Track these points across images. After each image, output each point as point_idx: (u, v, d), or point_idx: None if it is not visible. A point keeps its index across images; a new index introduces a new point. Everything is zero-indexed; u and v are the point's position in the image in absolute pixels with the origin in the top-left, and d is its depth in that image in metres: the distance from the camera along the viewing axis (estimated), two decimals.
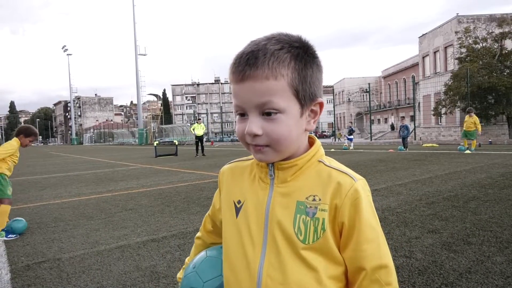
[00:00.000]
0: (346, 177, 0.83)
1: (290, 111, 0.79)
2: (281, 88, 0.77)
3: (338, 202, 0.80)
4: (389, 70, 54.08)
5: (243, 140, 0.84)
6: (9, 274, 3.26)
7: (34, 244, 4.13)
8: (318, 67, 0.83)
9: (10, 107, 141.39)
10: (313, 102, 0.83)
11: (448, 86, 25.43)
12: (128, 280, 2.99)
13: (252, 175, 0.92)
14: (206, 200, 6.31)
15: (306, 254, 0.80)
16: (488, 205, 4.97)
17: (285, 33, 0.82)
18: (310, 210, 0.81)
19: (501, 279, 2.70)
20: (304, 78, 0.80)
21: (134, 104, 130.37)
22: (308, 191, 0.83)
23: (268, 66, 0.76)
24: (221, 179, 1.02)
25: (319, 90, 0.84)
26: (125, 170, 12.70)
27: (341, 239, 0.82)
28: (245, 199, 0.90)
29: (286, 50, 0.78)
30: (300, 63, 0.79)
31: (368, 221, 0.80)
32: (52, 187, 9.06)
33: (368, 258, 0.79)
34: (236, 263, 0.88)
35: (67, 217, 5.49)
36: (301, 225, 0.81)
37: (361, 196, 0.81)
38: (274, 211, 0.84)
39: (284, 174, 0.85)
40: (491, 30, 26.06)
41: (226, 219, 0.95)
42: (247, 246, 0.86)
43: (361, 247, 0.79)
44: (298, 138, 0.83)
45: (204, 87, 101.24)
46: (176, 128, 46.18)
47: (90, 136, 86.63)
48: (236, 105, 0.82)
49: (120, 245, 3.95)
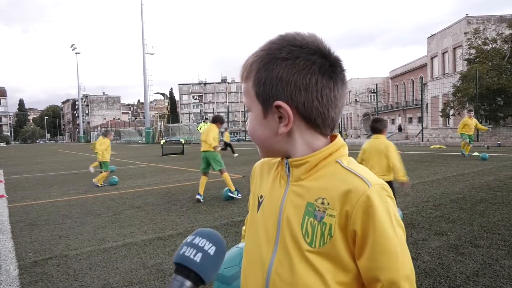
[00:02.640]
0: (359, 182, 0.77)
1: (254, 111, 0.84)
2: (248, 89, 0.84)
3: (349, 209, 0.76)
4: (397, 71, 53.76)
5: None
6: (17, 270, 3.29)
7: (41, 241, 4.17)
8: (286, 68, 0.79)
9: (19, 105, 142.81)
10: (271, 104, 0.80)
11: (456, 87, 25.18)
12: (134, 278, 3.01)
13: (276, 172, 0.92)
14: (211, 199, 6.32)
15: (312, 257, 0.78)
16: (497, 207, 4.92)
17: (275, 37, 0.84)
18: (318, 214, 0.79)
19: (509, 282, 2.67)
20: (263, 79, 0.81)
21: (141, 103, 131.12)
22: (319, 193, 0.80)
23: (245, 69, 0.84)
24: (253, 173, 1.03)
25: (282, 91, 0.79)
26: (132, 168, 12.77)
27: (355, 247, 0.77)
28: (266, 195, 0.91)
29: (256, 53, 0.84)
30: (262, 66, 0.81)
31: (384, 231, 0.75)
32: (60, 184, 9.13)
33: (383, 270, 0.74)
34: (252, 256, 0.89)
35: (74, 214, 5.53)
36: (308, 228, 0.79)
37: (375, 203, 0.75)
38: (286, 210, 0.83)
39: (298, 172, 0.83)
40: (501, 31, 25.77)
41: (251, 212, 0.96)
42: (263, 241, 0.86)
43: (375, 257, 0.75)
44: (272, 139, 0.83)
45: (211, 87, 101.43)
46: (183, 127, 46.30)
47: (98, 134, 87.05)
48: None
49: (126, 242, 3.98)
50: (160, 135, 47.26)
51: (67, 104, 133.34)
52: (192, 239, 0.69)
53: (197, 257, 0.66)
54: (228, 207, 5.60)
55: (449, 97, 27.06)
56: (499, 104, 24.23)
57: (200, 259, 0.66)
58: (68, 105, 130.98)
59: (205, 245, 0.68)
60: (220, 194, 6.71)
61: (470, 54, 26.33)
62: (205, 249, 0.67)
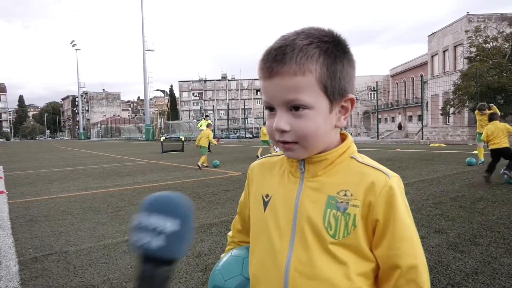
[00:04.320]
0: (380, 174, 0.81)
1: (318, 107, 0.78)
2: (309, 84, 0.76)
3: (372, 199, 0.79)
4: (397, 69, 53.70)
5: (272, 136, 0.83)
6: (17, 266, 3.30)
7: (41, 237, 4.18)
8: (350, 62, 0.81)
9: (19, 101, 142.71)
10: (343, 98, 0.81)
11: (457, 85, 25.17)
12: (134, 274, 3.01)
13: (281, 170, 0.91)
14: (212, 196, 6.33)
15: (335, 249, 0.79)
16: (496, 206, 4.93)
17: (315, 28, 0.80)
18: (341, 205, 0.80)
19: (508, 280, 2.68)
20: (334, 74, 0.78)
21: (141, 100, 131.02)
22: (340, 186, 0.82)
23: (295, 62, 0.75)
24: (250, 174, 1.01)
25: (350, 85, 0.82)
26: (132, 165, 12.77)
27: (374, 237, 0.80)
28: (274, 193, 0.89)
29: (315, 45, 0.76)
30: (330, 58, 0.77)
31: (403, 219, 0.79)
32: (60, 180, 9.14)
33: (403, 256, 0.78)
34: (264, 257, 0.86)
35: (74, 210, 5.54)
36: (331, 220, 0.80)
37: (396, 193, 0.79)
38: (303, 205, 0.83)
39: (315, 168, 0.84)
40: (502, 30, 25.74)
41: (254, 213, 0.94)
42: (275, 240, 0.85)
43: (395, 245, 0.78)
44: (327, 135, 0.82)
45: (211, 84, 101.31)
46: (183, 124, 46.29)
47: (97, 131, 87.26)
48: (265, 100, 0.82)
49: (126, 239, 3.98)
50: (160, 132, 47.25)
51: (67, 100, 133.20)
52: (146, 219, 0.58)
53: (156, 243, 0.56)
54: (227, 204, 5.61)
55: (450, 95, 27.04)
56: (499, 102, 24.20)
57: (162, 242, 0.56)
58: (68, 102, 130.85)
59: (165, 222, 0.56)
60: (220, 192, 6.72)
61: (471, 52, 26.29)
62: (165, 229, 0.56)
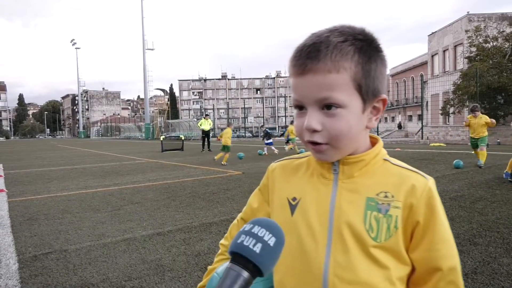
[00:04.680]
0: (419, 177, 0.80)
1: (352, 107, 0.76)
2: (343, 82, 0.74)
3: (414, 201, 0.77)
4: (397, 69, 53.67)
5: (302, 137, 0.80)
6: (16, 264, 3.30)
7: (41, 235, 4.18)
8: (383, 62, 0.80)
9: (19, 100, 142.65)
10: (376, 98, 0.79)
11: (457, 85, 25.16)
12: (134, 273, 3.02)
13: (309, 171, 0.88)
14: (211, 195, 6.33)
15: (376, 252, 0.76)
16: (496, 206, 4.93)
17: (348, 25, 0.79)
18: (383, 207, 0.78)
19: (507, 280, 2.68)
20: (368, 72, 0.76)
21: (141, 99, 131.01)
22: (379, 188, 0.80)
23: (330, 59, 0.73)
24: (270, 176, 0.96)
25: (383, 85, 0.80)
26: (132, 164, 12.77)
27: (412, 240, 0.79)
28: (303, 196, 0.85)
29: (349, 42, 0.74)
30: (364, 56, 0.75)
31: (443, 221, 0.79)
32: (60, 179, 9.14)
33: (444, 258, 0.77)
34: (294, 263, 0.82)
35: (74, 209, 5.54)
36: (372, 222, 0.77)
37: (435, 195, 0.79)
38: (341, 208, 0.80)
39: (351, 170, 0.82)
40: (502, 29, 25.72)
41: (278, 218, 0.88)
42: (309, 245, 0.81)
43: (436, 246, 0.77)
44: (359, 135, 0.80)
45: (211, 83, 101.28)
46: (183, 123, 46.25)
47: (97, 130, 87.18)
48: (295, 99, 0.79)
49: (126, 238, 3.98)
50: (159, 131, 47.22)
51: (67, 99, 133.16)
52: (250, 228, 0.63)
53: (256, 248, 0.60)
54: (227, 203, 5.61)
55: (449, 95, 27.04)
56: (499, 102, 24.24)
57: (260, 249, 0.60)
58: (68, 100, 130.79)
59: (264, 235, 0.62)
60: (220, 192, 6.73)
61: (471, 52, 26.28)
62: (265, 240, 0.61)
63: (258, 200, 0.99)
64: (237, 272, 0.59)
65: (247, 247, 0.60)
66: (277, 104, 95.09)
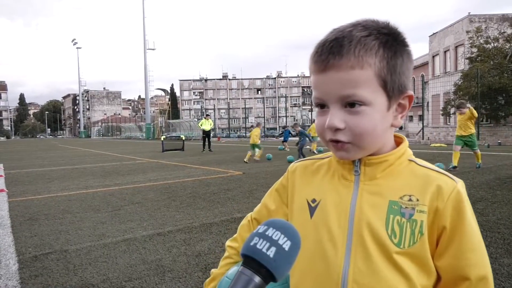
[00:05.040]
0: (447, 179, 0.76)
1: (376, 104, 0.72)
2: (367, 78, 0.70)
3: (440, 205, 0.73)
4: None
5: (323, 136, 0.76)
6: (16, 265, 3.30)
7: (41, 236, 4.18)
8: (409, 56, 0.76)
9: (20, 99, 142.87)
10: (402, 94, 0.76)
11: (458, 86, 25.14)
12: (134, 273, 3.01)
13: (330, 173, 0.84)
14: (212, 195, 6.33)
15: (399, 259, 0.72)
16: (496, 206, 4.92)
17: (371, 19, 0.75)
18: (407, 211, 0.74)
19: (508, 281, 2.68)
20: (393, 68, 0.72)
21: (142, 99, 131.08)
22: (403, 191, 0.75)
23: (354, 54, 0.70)
24: (291, 177, 0.92)
25: (409, 81, 0.76)
26: (132, 164, 12.77)
27: (438, 245, 0.74)
28: (322, 198, 0.82)
29: (373, 37, 0.71)
30: (389, 51, 0.72)
31: (472, 227, 0.74)
32: (60, 179, 9.14)
33: (472, 266, 0.72)
34: (312, 267, 0.79)
35: (74, 209, 5.54)
36: (395, 227, 0.73)
37: (464, 199, 0.74)
38: (362, 211, 0.76)
39: (373, 171, 0.78)
40: (503, 30, 25.67)
41: (297, 220, 0.85)
42: (328, 249, 0.77)
43: (465, 255, 0.72)
44: (384, 134, 0.76)
45: (212, 83, 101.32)
46: (183, 123, 46.27)
47: (98, 130, 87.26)
48: (316, 97, 0.75)
49: (126, 238, 3.98)
50: (160, 131, 47.24)
51: (68, 99, 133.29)
52: (264, 230, 0.60)
53: (270, 252, 0.57)
54: (228, 204, 5.61)
55: (450, 95, 27.02)
56: (500, 103, 24.20)
57: (273, 254, 0.57)
58: (69, 100, 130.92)
59: (279, 238, 0.58)
60: (220, 192, 6.72)
61: (472, 52, 26.26)
62: (279, 243, 0.58)
63: (275, 202, 0.95)
64: (248, 277, 0.56)
65: (260, 251, 0.57)
66: (278, 104, 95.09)
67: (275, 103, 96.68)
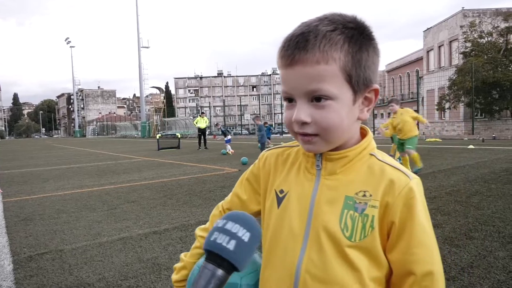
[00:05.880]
0: (400, 174, 0.77)
1: (342, 98, 0.73)
2: (333, 73, 0.71)
3: (390, 200, 0.75)
4: (393, 65, 53.75)
5: (291, 128, 0.78)
6: (11, 265, 3.28)
7: (36, 235, 4.15)
8: (375, 50, 0.77)
9: (14, 99, 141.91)
10: (367, 88, 0.77)
11: (452, 80, 25.25)
12: (130, 272, 3.00)
13: (297, 164, 0.86)
14: (208, 193, 6.31)
15: (350, 252, 0.75)
16: (491, 200, 4.95)
17: (338, 13, 0.76)
18: (359, 206, 0.76)
19: (503, 273, 2.69)
20: (358, 62, 0.73)
21: (137, 97, 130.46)
22: (359, 186, 0.78)
23: (319, 49, 0.70)
24: (262, 165, 0.93)
25: (375, 75, 0.77)
26: (128, 162, 12.72)
27: (388, 240, 0.76)
28: (289, 189, 0.84)
29: (339, 31, 0.72)
30: (355, 45, 0.72)
31: (422, 223, 0.75)
32: (55, 179, 9.09)
33: (418, 262, 0.74)
34: (274, 255, 0.83)
35: (70, 208, 5.51)
36: (348, 221, 0.76)
37: (416, 196, 0.75)
38: (319, 205, 0.79)
39: (333, 166, 0.80)
40: (497, 25, 25.78)
41: (267, 209, 0.88)
42: (287, 239, 0.81)
43: (412, 250, 0.74)
44: (350, 127, 0.78)
45: (207, 81, 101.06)
46: (179, 121, 46.20)
47: (93, 129, 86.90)
48: (284, 91, 0.76)
49: (122, 237, 3.97)
50: (156, 129, 47.10)
51: (62, 98, 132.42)
52: (223, 224, 0.62)
53: (230, 245, 0.60)
54: None
55: (445, 90, 27.14)
56: (494, 97, 24.35)
57: (234, 246, 0.60)
58: (63, 99, 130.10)
59: (238, 230, 0.61)
60: (216, 189, 6.71)
61: (466, 47, 26.36)
62: (238, 235, 0.61)
63: (246, 191, 0.98)
64: (211, 271, 0.59)
65: (220, 245, 0.60)
66: (274, 101, 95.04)
67: (271, 100, 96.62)
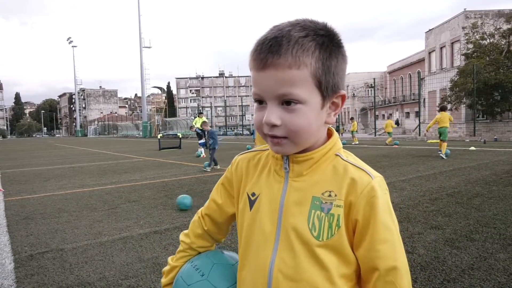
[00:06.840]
0: (362, 174, 0.80)
1: (311, 103, 0.75)
2: (303, 78, 0.73)
3: (353, 199, 0.78)
4: (394, 66, 53.71)
5: (261, 130, 0.79)
6: (12, 264, 3.28)
7: (37, 235, 4.16)
8: (343, 58, 0.79)
9: (16, 99, 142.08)
10: (335, 94, 0.79)
11: (454, 82, 25.22)
12: (130, 271, 3.00)
13: (267, 167, 0.89)
14: (209, 193, 6.26)
15: (319, 251, 0.78)
16: (492, 202, 4.94)
17: (310, 20, 0.78)
18: (325, 206, 0.79)
19: (504, 276, 2.69)
20: (328, 69, 0.75)
21: (138, 97, 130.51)
22: (324, 186, 0.80)
23: (291, 55, 0.72)
24: (234, 169, 0.97)
25: (342, 81, 0.80)
26: (129, 162, 12.74)
27: (354, 237, 0.79)
28: (260, 192, 0.87)
29: (311, 37, 0.73)
30: (325, 52, 0.74)
31: (384, 221, 0.77)
32: (56, 178, 9.10)
33: (382, 258, 0.76)
34: (248, 257, 0.86)
35: (71, 208, 5.51)
36: (315, 221, 0.79)
37: (378, 194, 0.78)
38: (288, 206, 0.82)
39: (300, 168, 0.82)
40: (499, 26, 25.76)
41: (240, 211, 0.91)
42: (259, 240, 0.84)
43: (375, 247, 0.76)
44: (318, 130, 0.80)
45: (209, 81, 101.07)
46: (180, 121, 46.21)
47: (95, 128, 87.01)
48: (255, 93, 0.78)
49: (122, 236, 3.97)
50: (157, 129, 47.14)
51: (63, 97, 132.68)
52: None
53: None
54: None
55: (447, 91, 27.09)
56: (496, 99, 24.31)
57: None
58: (65, 99, 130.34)
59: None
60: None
61: (468, 48, 26.33)
62: None
63: (222, 196, 1.01)
64: None
65: None
66: None
67: None
